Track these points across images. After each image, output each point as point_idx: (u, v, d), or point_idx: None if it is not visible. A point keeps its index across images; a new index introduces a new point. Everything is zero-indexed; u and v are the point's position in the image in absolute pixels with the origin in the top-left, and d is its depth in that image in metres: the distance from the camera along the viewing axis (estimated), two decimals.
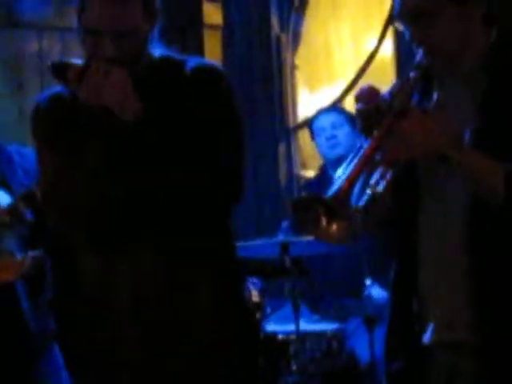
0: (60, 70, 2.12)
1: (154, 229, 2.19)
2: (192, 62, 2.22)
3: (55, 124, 2.25)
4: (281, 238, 3.60)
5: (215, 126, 2.19)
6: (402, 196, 1.97)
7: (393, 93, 1.91)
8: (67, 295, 2.58)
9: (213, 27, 4.50)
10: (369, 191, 1.83)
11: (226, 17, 4.69)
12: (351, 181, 1.79)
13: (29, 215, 2.80)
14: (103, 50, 2.09)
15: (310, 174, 4.43)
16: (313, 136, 4.01)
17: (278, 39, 4.56)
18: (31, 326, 2.94)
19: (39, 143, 2.35)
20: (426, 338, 1.94)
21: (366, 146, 1.82)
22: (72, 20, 4.11)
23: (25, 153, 3.09)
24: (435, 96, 1.96)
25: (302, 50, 4.66)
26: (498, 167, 1.79)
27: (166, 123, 2.12)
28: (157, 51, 2.21)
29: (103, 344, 2.24)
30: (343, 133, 3.83)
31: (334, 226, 1.81)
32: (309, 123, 4.11)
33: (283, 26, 4.60)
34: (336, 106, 4.31)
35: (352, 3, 4.48)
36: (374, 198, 1.84)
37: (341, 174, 1.90)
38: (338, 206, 1.77)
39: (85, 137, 2.19)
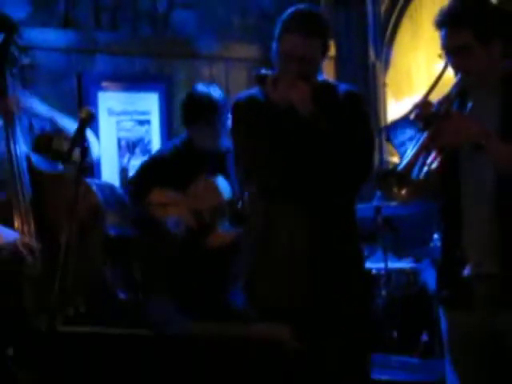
0: (260, 78, 2.61)
1: (310, 190, 2.59)
2: (342, 86, 2.74)
3: (252, 114, 2.65)
4: (375, 203, 3.90)
5: (359, 128, 2.67)
6: (448, 174, 2.31)
7: (440, 102, 2.29)
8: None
9: (330, 58, 4.22)
10: (426, 168, 2.19)
11: (337, 49, 4.77)
12: (413, 160, 2.16)
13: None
14: (292, 68, 2.53)
15: (395, 159, 4.60)
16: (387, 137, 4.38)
17: (374, 65, 4.80)
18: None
19: (238, 128, 2.76)
20: (466, 272, 2.31)
21: (423, 137, 2.19)
22: (232, 52, 4.80)
23: None
24: (469, 104, 2.30)
25: (391, 72, 4.94)
26: None
27: (327, 120, 2.52)
28: (320, 76, 2.69)
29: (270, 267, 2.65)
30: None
31: (403, 191, 2.21)
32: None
33: (378, 55, 4.86)
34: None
35: (427, 37, 4.62)
36: (429, 173, 2.20)
37: (406, 154, 2.22)
38: (405, 176, 2.18)
39: (274, 123, 2.56)
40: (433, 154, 2.22)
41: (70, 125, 3.29)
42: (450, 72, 4.30)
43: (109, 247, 3.07)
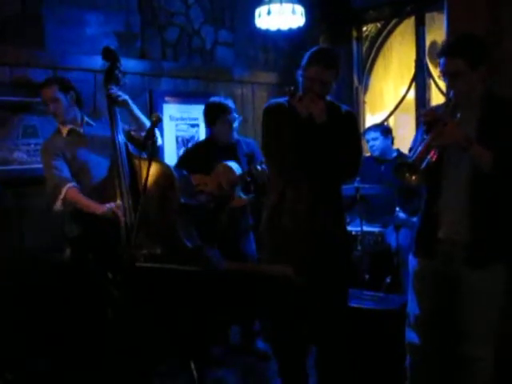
0: (291, 93, 2.55)
1: (316, 174, 2.55)
2: (343, 106, 2.68)
3: (280, 118, 2.58)
4: (355, 185, 3.79)
5: (354, 135, 2.67)
6: (435, 164, 2.21)
7: (441, 111, 2.24)
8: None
9: None
10: (427, 159, 2.14)
11: None
12: (422, 154, 2.14)
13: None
14: (314, 89, 2.49)
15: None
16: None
17: (357, 88, 4.70)
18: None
19: (268, 129, 2.64)
20: (440, 234, 2.29)
21: (427, 137, 2.16)
22: (257, 78, 4.80)
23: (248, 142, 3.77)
24: (458, 115, 2.22)
25: (368, 94, 4.84)
26: (488, 153, 2.09)
27: (334, 128, 2.49)
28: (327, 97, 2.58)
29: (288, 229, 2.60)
30: (378, 141, 4.16)
31: (413, 177, 2.17)
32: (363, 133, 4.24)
33: (360, 81, 4.76)
34: (378, 124, 4.39)
35: (394, 70, 4.78)
36: (429, 163, 2.15)
37: (414, 149, 2.24)
38: (415, 166, 2.15)
39: (297, 127, 2.50)
40: (432, 151, 2.19)
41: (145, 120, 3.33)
42: (411, 95, 4.34)
43: (180, 210, 3.08)
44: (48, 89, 3.13)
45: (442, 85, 3.79)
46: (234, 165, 3.49)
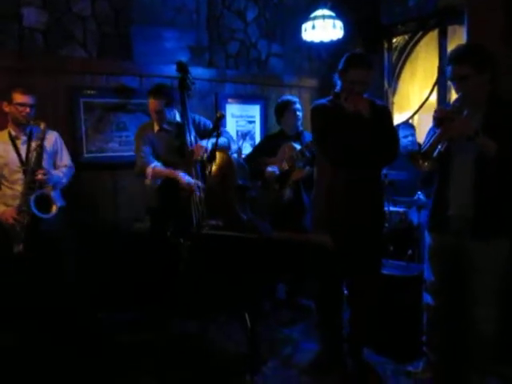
0: (336, 95, 2.46)
1: (363, 161, 2.41)
2: (377, 101, 2.56)
3: (328, 116, 2.47)
4: (384, 171, 3.47)
5: (391, 127, 2.58)
6: (446, 153, 2.17)
7: (449, 109, 2.19)
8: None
9: None
10: (438, 149, 2.12)
11: None
12: (433, 145, 2.12)
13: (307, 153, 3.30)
14: (357, 89, 2.39)
15: None
16: None
17: (386, 91, 4.54)
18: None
19: (317, 126, 2.53)
20: (449, 212, 2.25)
21: (438, 131, 2.13)
22: (303, 83, 4.70)
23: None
24: (465, 112, 2.18)
25: (396, 96, 4.64)
26: (492, 143, 2.04)
27: (378, 121, 2.39)
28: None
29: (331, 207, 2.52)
30: (412, 137, 3.91)
31: (425, 164, 2.15)
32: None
33: (389, 84, 4.58)
34: (408, 122, 4.25)
35: (420, 76, 4.53)
36: (440, 152, 2.13)
37: (427, 141, 2.19)
38: (428, 154, 2.13)
39: (346, 122, 2.41)
40: (443, 141, 2.13)
41: (207, 122, 3.36)
42: (432, 97, 4.15)
43: (237, 189, 3.11)
44: (156, 101, 3.12)
45: None
46: (295, 144, 3.48)
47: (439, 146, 2.10)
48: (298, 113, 3.55)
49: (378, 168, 2.57)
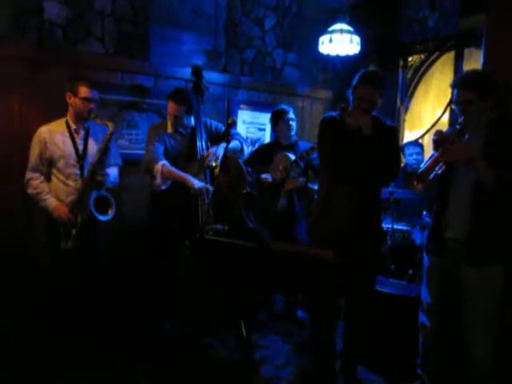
0: (343, 109, 2.44)
1: (362, 177, 2.41)
2: (388, 121, 2.55)
3: (333, 128, 2.48)
4: (390, 189, 3.58)
5: (394, 147, 2.53)
6: (445, 176, 2.22)
7: (448, 133, 2.22)
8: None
9: None
10: (435, 171, 2.17)
11: None
12: (429, 167, 2.16)
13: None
14: (362, 106, 2.38)
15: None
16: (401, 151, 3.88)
17: (399, 109, 4.54)
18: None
19: (323, 136, 2.53)
20: (446, 234, 2.25)
21: (436, 153, 2.14)
22: (316, 94, 4.67)
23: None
24: (466, 136, 2.19)
25: (408, 114, 4.63)
26: (490, 170, 2.03)
27: (379, 139, 2.39)
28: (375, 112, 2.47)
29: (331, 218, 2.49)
30: (420, 155, 3.92)
31: (419, 186, 2.20)
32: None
33: (402, 102, 4.56)
34: (416, 140, 4.19)
35: (433, 95, 4.44)
36: (436, 175, 2.16)
37: (424, 163, 2.21)
38: (422, 176, 2.17)
39: (347, 137, 2.39)
40: (440, 165, 2.16)
41: (219, 125, 3.34)
42: (444, 117, 4.12)
43: (245, 197, 3.10)
44: (178, 106, 3.07)
45: None
46: (290, 154, 3.46)
47: (436, 169, 2.11)
48: (291, 122, 3.51)
49: (376, 184, 2.54)
